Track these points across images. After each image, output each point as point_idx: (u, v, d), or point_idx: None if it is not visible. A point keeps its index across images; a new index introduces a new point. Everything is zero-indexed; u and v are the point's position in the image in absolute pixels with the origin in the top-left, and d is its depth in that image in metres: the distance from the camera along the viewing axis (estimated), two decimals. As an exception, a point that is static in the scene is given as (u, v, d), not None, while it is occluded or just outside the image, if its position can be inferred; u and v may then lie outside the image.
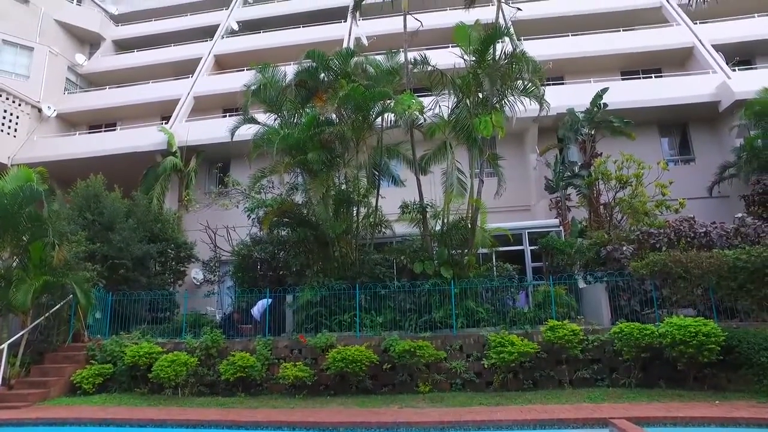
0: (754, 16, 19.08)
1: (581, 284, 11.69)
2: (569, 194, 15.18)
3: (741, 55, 18.31)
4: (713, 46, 18.37)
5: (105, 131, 22.14)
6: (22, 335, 10.78)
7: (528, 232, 13.52)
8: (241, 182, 14.91)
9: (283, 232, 13.64)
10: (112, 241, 13.68)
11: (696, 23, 19.17)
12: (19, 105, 20.69)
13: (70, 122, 22.89)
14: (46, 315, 11.43)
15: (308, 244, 12.93)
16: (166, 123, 20.10)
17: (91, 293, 11.57)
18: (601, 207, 14.32)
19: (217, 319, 13.63)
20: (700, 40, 18.68)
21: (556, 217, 14.77)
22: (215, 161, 19.36)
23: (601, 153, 14.94)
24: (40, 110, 21.45)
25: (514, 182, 14.66)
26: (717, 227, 11.56)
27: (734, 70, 17.38)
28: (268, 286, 12.27)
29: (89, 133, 22.25)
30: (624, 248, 11.62)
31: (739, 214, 12.39)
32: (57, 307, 11.53)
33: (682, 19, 19.70)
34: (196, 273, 17.05)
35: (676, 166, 16.93)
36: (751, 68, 18.27)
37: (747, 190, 14.36)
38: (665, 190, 13.49)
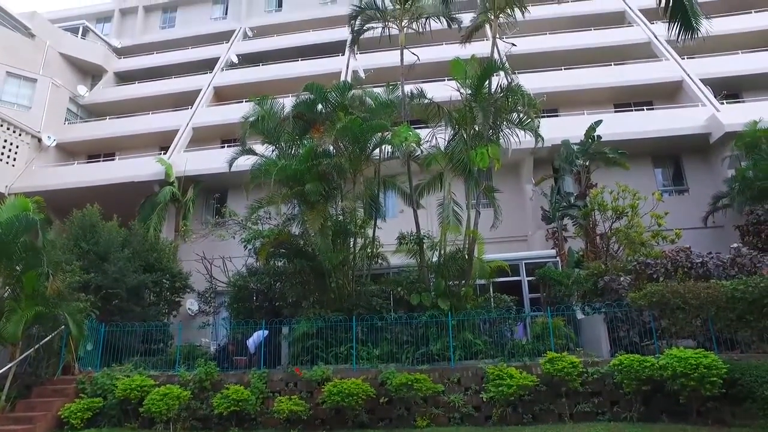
0: (738, 53, 19.72)
1: (579, 315, 11.61)
2: (565, 225, 15.27)
3: (728, 89, 18.79)
4: (701, 80, 18.86)
5: (103, 161, 22.29)
6: (10, 368, 10.53)
7: (525, 263, 13.52)
8: (238, 213, 14.94)
9: (280, 263, 13.58)
10: (106, 271, 13.56)
11: (684, 58, 19.73)
12: (20, 135, 20.85)
13: (69, 152, 23.03)
14: (36, 347, 11.19)
15: (304, 275, 12.86)
16: (164, 153, 20.26)
17: (83, 324, 11.38)
18: (598, 237, 14.38)
19: (211, 351, 13.40)
20: (688, 75, 19.20)
21: (552, 248, 14.80)
22: (213, 191, 19.42)
23: (596, 184, 15.11)
24: (39, 140, 21.59)
25: (511, 213, 14.75)
26: (713, 257, 11.58)
27: (722, 103, 17.81)
28: (264, 318, 12.12)
29: (87, 162, 22.39)
30: (621, 279, 11.62)
31: (735, 245, 12.45)
32: (48, 338, 11.30)
33: (670, 55, 20.28)
34: (191, 304, 16.86)
35: (670, 197, 17.08)
36: (739, 101, 18.71)
37: (741, 220, 14.47)
38: (661, 221, 13.57)
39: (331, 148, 12.38)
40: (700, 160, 17.80)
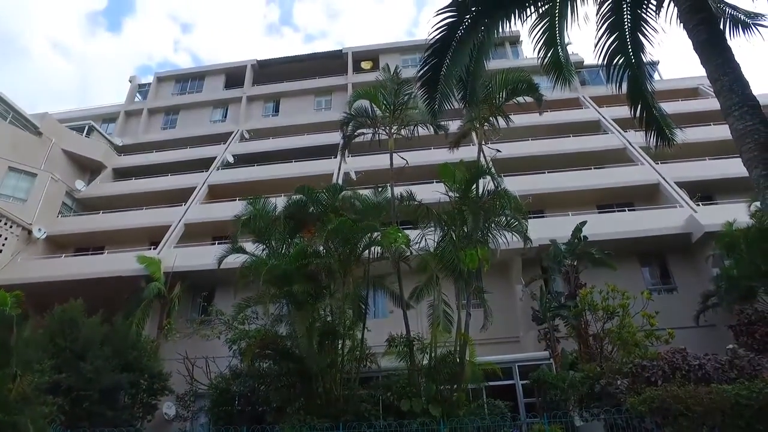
0: (705, 159, 21.07)
1: (578, 422, 11.06)
2: (557, 325, 15.06)
3: (701, 192, 19.76)
4: (676, 183, 19.91)
5: (91, 254, 22.13)
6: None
7: (518, 366, 13.12)
8: (224, 312, 14.57)
9: (265, 365, 13.03)
10: (81, 370, 12.84)
11: (658, 163, 20.98)
12: (10, 227, 20.89)
13: (58, 244, 22.92)
14: (-17, 462, 10.16)
15: (290, 378, 12.29)
16: (154, 248, 20.24)
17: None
18: (591, 338, 14.13)
19: (184, 464, 12.34)
20: (664, 178, 20.29)
21: (545, 349, 14.46)
22: (200, 288, 19.12)
23: (585, 283, 15.15)
24: (30, 232, 21.60)
25: (502, 313, 14.62)
26: (711, 359, 11.36)
27: (698, 205, 18.62)
28: (246, 424, 11.36)
29: (75, 255, 22.17)
30: (618, 382, 11.24)
31: (731, 346, 12.31)
32: (0, 451, 10.32)
33: (644, 159, 21.60)
34: (168, 407, 15.79)
35: (659, 296, 17.10)
36: (713, 203, 19.56)
37: (732, 319, 14.43)
38: (653, 321, 13.46)
39: (321, 248, 12.49)
40: (684, 258, 18.13)
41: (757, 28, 8.37)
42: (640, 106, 8.38)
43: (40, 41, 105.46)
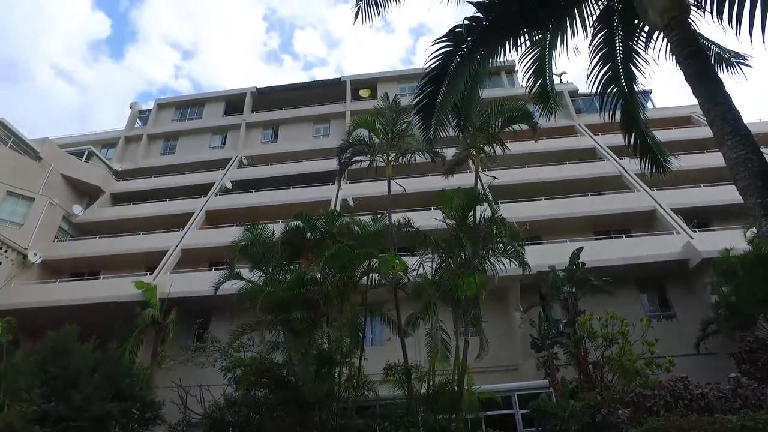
0: (700, 186, 21.25)
1: (580, 454, 10.80)
2: (556, 353, 14.88)
3: (697, 218, 19.82)
4: (672, 209, 20.00)
5: (87, 279, 21.91)
6: None
7: (517, 395, 12.91)
8: (220, 339, 14.35)
9: (260, 394, 12.78)
10: (71, 399, 12.52)
11: (653, 190, 21.13)
12: (5, 251, 20.76)
13: (53, 269, 22.71)
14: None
15: (286, 407, 12.02)
16: (151, 273, 20.08)
17: (33, 466, 10.19)
18: (590, 366, 13.94)
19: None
20: (660, 204, 20.39)
21: (544, 377, 14.24)
22: (196, 314, 18.86)
23: (584, 310, 15.04)
24: (25, 257, 21.45)
25: (500, 341, 14.46)
26: (713, 388, 11.21)
27: (695, 231, 18.66)
28: (238, 457, 11.06)
29: (70, 281, 21.97)
30: (620, 412, 11.05)
31: (733, 374, 12.16)
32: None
33: (640, 186, 21.75)
34: (159, 438, 15.36)
35: (658, 322, 16.97)
36: (710, 230, 19.62)
37: (733, 346, 14.29)
38: (653, 348, 13.30)
39: (319, 275, 12.41)
40: (683, 285, 18.07)
41: (740, 67, 8.67)
42: (633, 134, 8.50)
43: (44, 67, 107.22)
